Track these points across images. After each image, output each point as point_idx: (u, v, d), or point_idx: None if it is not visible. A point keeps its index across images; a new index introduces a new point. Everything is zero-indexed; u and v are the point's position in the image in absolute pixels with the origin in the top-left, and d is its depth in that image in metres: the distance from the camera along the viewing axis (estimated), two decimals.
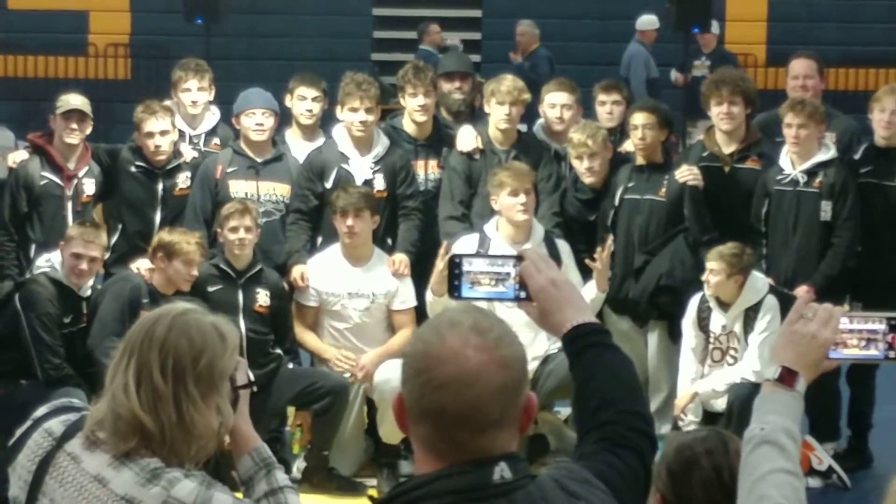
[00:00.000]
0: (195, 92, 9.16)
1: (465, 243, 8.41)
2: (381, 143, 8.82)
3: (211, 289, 8.27)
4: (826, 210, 8.51)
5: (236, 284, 8.35)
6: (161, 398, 3.13)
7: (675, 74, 17.75)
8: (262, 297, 8.38)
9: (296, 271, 8.55)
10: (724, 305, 8.29)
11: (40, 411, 3.31)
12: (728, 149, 8.74)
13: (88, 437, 3.18)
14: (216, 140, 9.27)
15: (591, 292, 8.26)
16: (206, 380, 3.17)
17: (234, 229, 8.28)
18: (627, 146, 8.88)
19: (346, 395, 8.38)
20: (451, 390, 2.49)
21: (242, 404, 3.35)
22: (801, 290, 8.43)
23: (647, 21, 17.50)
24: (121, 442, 3.13)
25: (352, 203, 8.36)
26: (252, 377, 3.40)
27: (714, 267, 8.17)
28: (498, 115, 8.76)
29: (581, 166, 8.63)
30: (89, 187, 8.82)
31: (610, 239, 8.38)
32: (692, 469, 3.30)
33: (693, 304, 8.37)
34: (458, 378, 2.49)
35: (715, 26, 18.02)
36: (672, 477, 3.29)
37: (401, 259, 8.57)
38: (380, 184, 8.71)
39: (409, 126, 8.99)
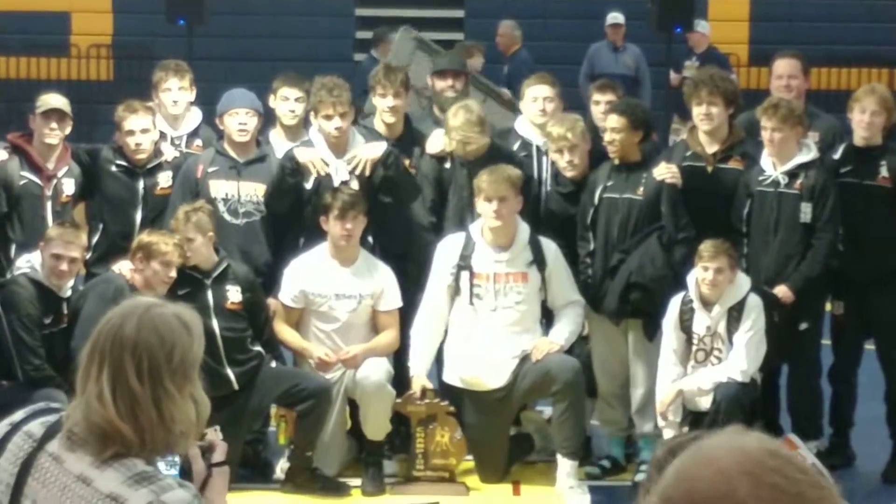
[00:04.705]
0: (176, 91, 9.15)
1: (450, 243, 8.46)
2: (357, 144, 8.79)
3: (179, 292, 8.19)
4: (806, 212, 8.49)
5: (204, 286, 8.32)
6: (139, 403, 3.09)
7: (673, 75, 17.73)
8: (233, 294, 8.34)
9: None
10: (708, 305, 8.26)
11: (17, 416, 3.27)
12: (710, 149, 8.72)
13: (69, 437, 3.15)
14: (198, 141, 9.25)
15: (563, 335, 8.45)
16: (181, 373, 3.14)
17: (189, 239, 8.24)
18: None
19: (328, 397, 8.35)
20: None
21: (219, 480, 3.29)
22: (781, 290, 8.44)
23: (610, 17, 17.47)
24: (99, 452, 3.09)
25: (349, 205, 8.35)
26: (224, 457, 3.32)
27: (720, 265, 8.09)
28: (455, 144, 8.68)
29: (562, 160, 8.63)
30: (69, 187, 8.79)
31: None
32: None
33: (674, 305, 8.32)
34: None
35: (704, 26, 17.98)
36: (659, 476, 3.26)
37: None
38: (355, 185, 8.69)
39: (380, 126, 8.99)
